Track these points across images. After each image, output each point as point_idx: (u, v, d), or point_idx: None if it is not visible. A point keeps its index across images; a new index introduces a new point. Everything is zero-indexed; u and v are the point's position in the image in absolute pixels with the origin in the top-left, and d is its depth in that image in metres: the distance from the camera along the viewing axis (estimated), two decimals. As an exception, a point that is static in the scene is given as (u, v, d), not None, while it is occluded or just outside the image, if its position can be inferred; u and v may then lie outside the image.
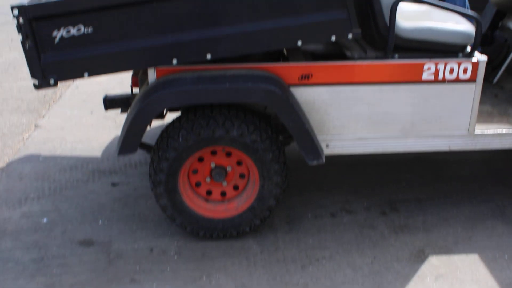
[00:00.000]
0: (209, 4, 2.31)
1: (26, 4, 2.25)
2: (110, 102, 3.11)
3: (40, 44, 2.30)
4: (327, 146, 2.61)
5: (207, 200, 2.69)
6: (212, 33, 2.35)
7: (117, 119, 4.02)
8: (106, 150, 3.62)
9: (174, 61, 2.38)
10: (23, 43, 2.30)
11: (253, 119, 2.50)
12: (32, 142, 3.77)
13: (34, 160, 3.52)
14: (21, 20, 2.25)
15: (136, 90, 2.99)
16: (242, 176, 2.65)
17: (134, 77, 2.89)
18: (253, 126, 2.47)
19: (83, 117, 4.11)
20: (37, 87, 2.40)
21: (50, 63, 2.33)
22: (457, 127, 2.62)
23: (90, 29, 2.30)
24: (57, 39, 2.30)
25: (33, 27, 2.27)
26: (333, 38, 2.41)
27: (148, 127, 2.52)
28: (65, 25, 2.28)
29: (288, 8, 2.34)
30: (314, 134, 2.52)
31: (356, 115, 2.56)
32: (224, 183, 2.64)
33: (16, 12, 2.24)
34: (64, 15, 2.26)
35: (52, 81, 2.37)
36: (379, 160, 3.45)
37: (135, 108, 2.42)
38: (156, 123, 3.81)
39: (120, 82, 4.67)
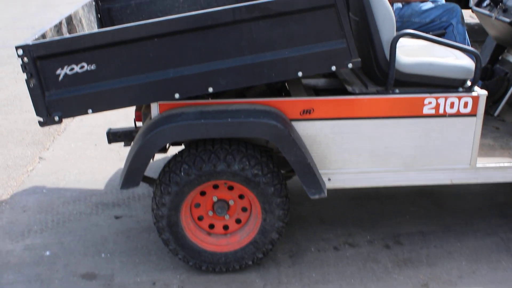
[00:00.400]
0: (209, 38, 2.37)
1: (30, 43, 2.32)
2: (113, 136, 3.16)
3: (44, 82, 2.37)
4: (329, 179, 2.64)
5: (209, 234, 2.71)
6: (213, 66, 2.40)
7: (121, 152, 4.07)
8: (110, 183, 3.66)
9: (176, 95, 2.43)
10: (27, 81, 2.36)
11: (255, 153, 2.53)
12: (36, 174, 3.81)
13: (38, 192, 3.55)
14: (25, 59, 2.31)
15: (139, 124, 3.04)
16: (244, 209, 2.68)
17: (137, 111, 2.95)
18: (254, 160, 2.51)
19: (87, 149, 4.16)
20: (42, 124, 2.45)
21: (54, 100, 2.39)
22: (459, 161, 2.65)
23: (93, 66, 2.36)
24: (61, 76, 2.36)
25: (37, 66, 2.33)
26: (333, 68, 2.45)
27: (151, 160, 2.56)
28: (69, 63, 2.35)
29: (288, 40, 2.40)
30: (316, 168, 2.55)
31: (358, 149, 2.59)
32: (227, 217, 2.67)
33: (20, 52, 2.31)
34: (67, 53, 2.33)
35: (57, 118, 2.43)
36: (382, 193, 3.47)
37: (138, 142, 2.47)
38: (159, 156, 3.85)
39: (124, 115, 4.73)
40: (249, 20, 2.35)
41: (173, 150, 3.24)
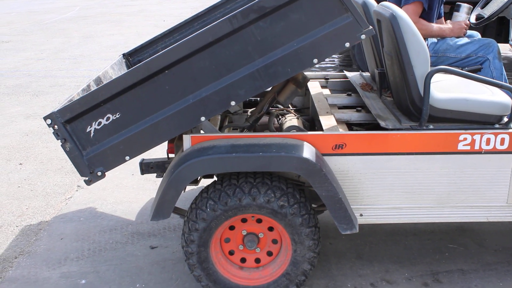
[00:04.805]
0: (216, 54, 2.50)
1: (56, 111, 2.57)
2: (146, 166, 3.33)
3: (79, 143, 2.62)
4: (361, 215, 2.77)
5: (241, 268, 2.85)
6: (227, 80, 2.54)
7: (157, 182, 4.29)
8: (146, 213, 3.89)
9: (202, 118, 2.59)
10: (63, 146, 2.62)
11: (280, 184, 2.67)
12: (74, 202, 4.09)
13: (76, 220, 3.81)
14: (55, 127, 2.58)
15: (172, 155, 3.22)
16: (274, 241, 2.82)
17: (170, 143, 3.12)
18: (280, 192, 2.64)
19: (124, 178, 4.42)
20: (88, 183, 2.70)
21: (92, 157, 2.64)
22: (495, 198, 2.74)
23: (117, 115, 2.57)
24: (92, 133, 2.60)
25: (68, 129, 2.59)
26: (347, 44, 2.51)
27: (182, 192, 2.73)
28: (95, 119, 2.58)
29: (292, 31, 2.47)
30: (348, 203, 2.68)
31: (391, 184, 2.72)
32: (257, 250, 2.82)
33: (49, 121, 2.58)
34: (91, 109, 2.56)
35: (100, 174, 2.68)
36: (420, 229, 3.56)
37: (169, 175, 2.64)
38: (190, 187, 4.04)
39: (162, 145, 5.00)
40: (248, 24, 2.46)
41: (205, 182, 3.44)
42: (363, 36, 2.50)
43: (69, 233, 3.65)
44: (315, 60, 2.53)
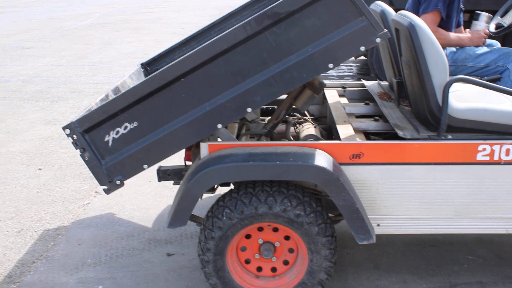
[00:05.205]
0: (231, 61, 2.52)
1: (74, 120, 2.61)
2: (163, 174, 3.36)
3: (97, 152, 2.65)
4: (378, 225, 2.76)
5: (257, 277, 2.86)
6: (243, 86, 2.55)
7: (175, 189, 4.33)
8: (163, 219, 3.91)
9: (219, 126, 2.61)
10: (82, 156, 2.65)
11: (296, 193, 2.68)
12: (92, 208, 4.13)
13: (93, 226, 3.85)
14: (74, 136, 2.61)
15: (189, 163, 3.23)
16: (291, 250, 2.82)
17: (187, 150, 3.14)
18: (296, 201, 2.65)
19: (142, 185, 4.46)
20: (107, 191, 2.74)
21: (111, 166, 2.67)
22: (515, 209, 2.71)
23: (135, 124, 2.60)
24: (110, 142, 2.64)
25: (86, 139, 2.62)
26: (362, 48, 2.50)
27: (199, 200, 2.74)
28: (113, 128, 2.62)
29: (307, 37, 2.48)
30: (365, 213, 2.68)
31: (408, 195, 2.71)
32: (274, 259, 2.82)
33: (68, 131, 2.61)
34: (109, 118, 2.60)
35: (118, 182, 2.71)
36: (438, 240, 3.53)
37: (186, 182, 2.66)
38: (207, 195, 4.06)
39: (179, 152, 5.03)
40: (263, 31, 2.48)
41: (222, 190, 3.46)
42: (378, 40, 2.50)
43: (87, 238, 3.69)
44: (331, 65, 2.54)
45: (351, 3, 2.44)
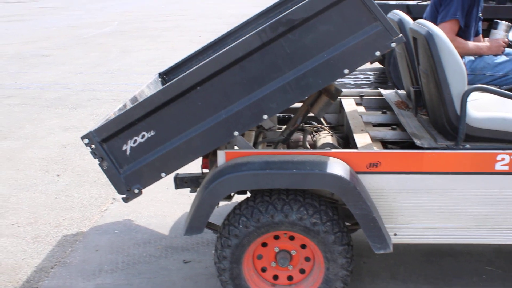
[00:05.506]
0: (246, 69, 2.53)
1: (93, 130, 2.64)
2: (180, 181, 3.39)
3: (116, 161, 2.68)
4: (395, 234, 2.75)
5: (274, 285, 2.86)
6: (259, 94, 2.56)
7: (192, 196, 4.32)
8: (179, 227, 3.93)
9: (235, 133, 2.62)
10: (101, 165, 2.68)
11: (313, 201, 2.68)
12: (109, 215, 4.17)
13: (110, 233, 3.89)
14: (92, 146, 2.64)
15: (206, 170, 3.26)
16: (307, 259, 2.82)
17: (204, 158, 3.16)
18: (312, 209, 2.65)
19: (159, 192, 4.49)
20: (126, 200, 2.77)
21: (129, 174, 2.69)
22: (535, 220, 2.69)
23: (152, 132, 2.63)
24: (128, 151, 2.66)
25: (104, 148, 2.65)
26: (377, 53, 2.50)
27: (216, 207, 2.75)
28: (131, 137, 2.64)
29: (322, 43, 2.48)
30: (382, 222, 2.67)
31: (426, 204, 2.70)
32: (290, 267, 2.82)
33: (86, 140, 2.65)
34: (126, 128, 2.62)
35: (137, 191, 2.73)
36: (456, 250, 3.51)
37: (203, 190, 2.68)
38: (224, 203, 4.07)
39: (196, 160, 5.06)
40: (277, 37, 2.49)
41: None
42: (393, 44, 2.50)
43: (104, 245, 3.72)
44: (346, 70, 2.54)
45: (365, 9, 2.44)
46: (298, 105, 3.21)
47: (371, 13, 2.45)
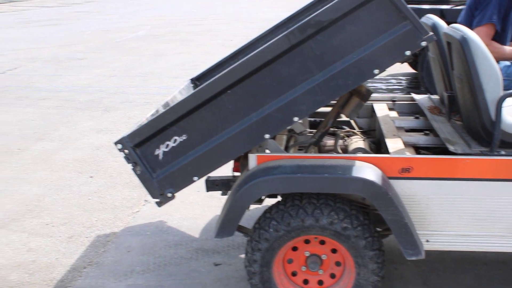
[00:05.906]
0: (276, 71, 2.54)
1: (126, 135, 2.68)
2: (211, 184, 3.41)
3: (149, 166, 2.71)
4: (427, 241, 2.72)
5: (304, 290, 2.86)
6: (289, 96, 2.57)
7: (223, 199, 4.34)
8: (210, 229, 3.96)
9: (266, 136, 2.63)
10: (134, 170, 2.73)
11: (343, 206, 2.67)
12: (141, 216, 4.22)
13: (142, 234, 3.94)
14: (126, 151, 2.68)
15: (237, 174, 3.28)
16: (338, 264, 2.82)
17: (236, 161, 3.19)
18: (343, 214, 2.64)
19: (190, 195, 4.52)
20: (159, 204, 2.81)
21: (162, 179, 2.73)
22: None
23: (184, 137, 2.66)
24: (160, 156, 2.70)
25: (138, 153, 2.69)
26: (408, 53, 2.48)
27: (247, 211, 2.77)
28: (163, 141, 2.67)
29: (351, 43, 2.48)
30: (414, 228, 2.65)
31: (459, 211, 2.67)
32: (320, 272, 2.82)
33: (120, 146, 2.69)
34: (158, 132, 2.66)
35: (170, 195, 2.77)
36: (491, 258, 3.45)
37: (235, 193, 2.70)
38: (255, 206, 4.09)
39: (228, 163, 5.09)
40: (306, 39, 2.49)
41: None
42: (423, 43, 2.48)
43: (136, 246, 3.78)
44: (376, 71, 2.53)
45: (394, 8, 2.43)
46: (329, 109, 3.21)
47: (400, 12, 2.43)
